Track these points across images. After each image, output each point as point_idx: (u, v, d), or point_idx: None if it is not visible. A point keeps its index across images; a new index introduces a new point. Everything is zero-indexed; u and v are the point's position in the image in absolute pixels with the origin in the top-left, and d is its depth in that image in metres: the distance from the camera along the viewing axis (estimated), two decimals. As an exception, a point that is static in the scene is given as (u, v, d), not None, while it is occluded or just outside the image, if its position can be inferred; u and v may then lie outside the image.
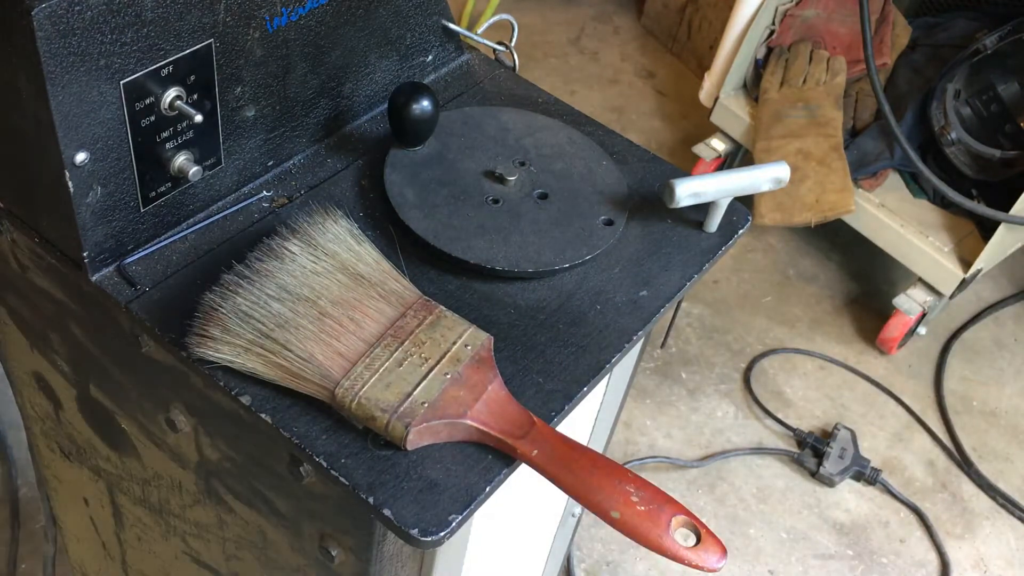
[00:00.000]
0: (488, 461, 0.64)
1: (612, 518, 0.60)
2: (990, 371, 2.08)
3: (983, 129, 1.94)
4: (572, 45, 2.73)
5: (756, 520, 1.76)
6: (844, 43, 2.07)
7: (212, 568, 0.93)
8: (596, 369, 0.71)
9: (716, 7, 2.49)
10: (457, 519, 0.61)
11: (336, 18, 0.79)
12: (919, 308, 1.95)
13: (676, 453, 1.83)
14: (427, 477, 0.62)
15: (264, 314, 0.65)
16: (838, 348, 2.06)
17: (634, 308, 0.75)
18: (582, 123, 0.91)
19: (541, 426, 0.64)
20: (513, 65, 0.96)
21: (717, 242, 0.82)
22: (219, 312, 0.66)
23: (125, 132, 0.68)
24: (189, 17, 0.67)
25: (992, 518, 1.82)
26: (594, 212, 0.80)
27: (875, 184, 1.98)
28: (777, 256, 2.23)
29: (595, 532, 1.68)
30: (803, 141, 1.93)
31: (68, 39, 0.61)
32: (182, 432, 0.78)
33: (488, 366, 0.66)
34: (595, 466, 0.62)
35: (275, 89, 0.77)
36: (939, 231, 1.94)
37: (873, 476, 1.81)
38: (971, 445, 1.92)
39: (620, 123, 2.48)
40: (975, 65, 1.92)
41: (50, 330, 0.85)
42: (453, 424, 0.63)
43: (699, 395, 1.93)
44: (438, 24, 0.90)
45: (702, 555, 0.60)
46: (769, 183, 0.79)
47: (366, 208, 0.79)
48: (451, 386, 0.64)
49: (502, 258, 0.75)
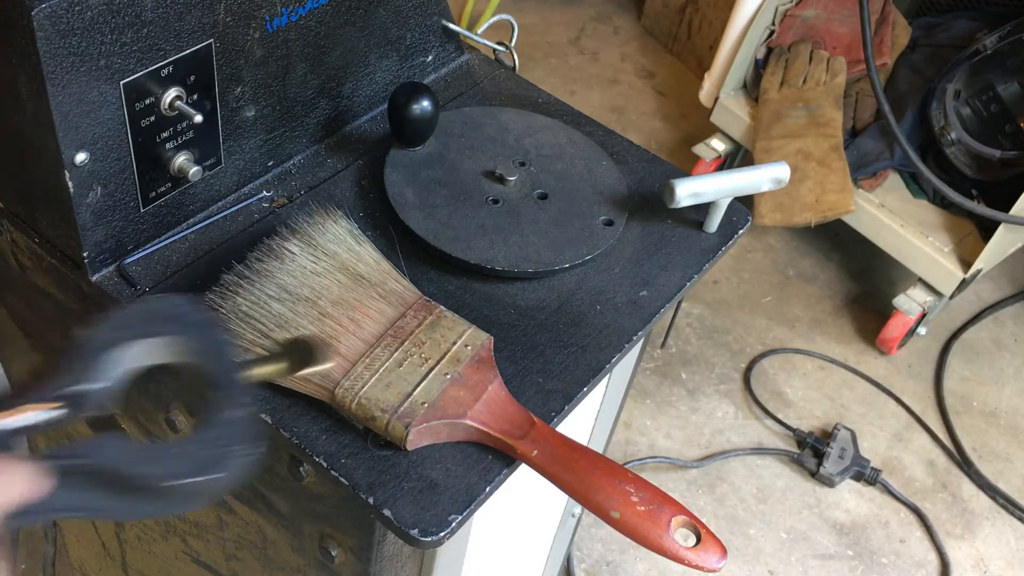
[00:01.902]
0: (488, 461, 0.64)
1: (612, 518, 0.60)
2: (990, 371, 2.07)
3: (983, 129, 1.94)
4: (572, 45, 2.73)
5: (756, 520, 1.76)
6: (844, 43, 2.07)
7: (212, 568, 0.93)
8: (596, 369, 0.71)
9: (716, 7, 2.49)
10: (457, 519, 0.61)
11: (336, 18, 0.79)
12: (919, 308, 1.95)
13: (676, 453, 1.83)
14: (427, 477, 0.62)
15: (264, 314, 0.65)
16: (838, 348, 2.06)
17: (634, 308, 0.75)
18: (582, 123, 0.91)
19: (541, 426, 0.64)
20: (513, 65, 0.96)
21: (717, 242, 0.82)
22: (219, 312, 0.66)
23: (125, 132, 0.68)
24: (189, 17, 0.67)
25: (992, 518, 1.82)
26: (594, 212, 0.80)
27: (875, 184, 1.98)
28: (777, 256, 2.23)
29: (595, 532, 1.68)
30: (803, 141, 1.93)
31: (68, 39, 0.61)
32: (182, 432, 0.78)
33: (488, 366, 0.66)
34: (595, 466, 0.62)
35: (275, 89, 0.77)
36: (939, 231, 1.94)
37: (873, 476, 1.81)
38: (971, 445, 1.92)
39: (620, 123, 2.48)
40: (975, 65, 1.92)
41: (50, 330, 0.85)
42: (453, 424, 0.63)
43: (699, 395, 1.93)
44: (438, 24, 0.90)
45: (702, 555, 0.60)
46: (769, 183, 0.79)
47: (366, 208, 0.79)
48: (451, 386, 0.64)
49: (502, 258, 0.75)
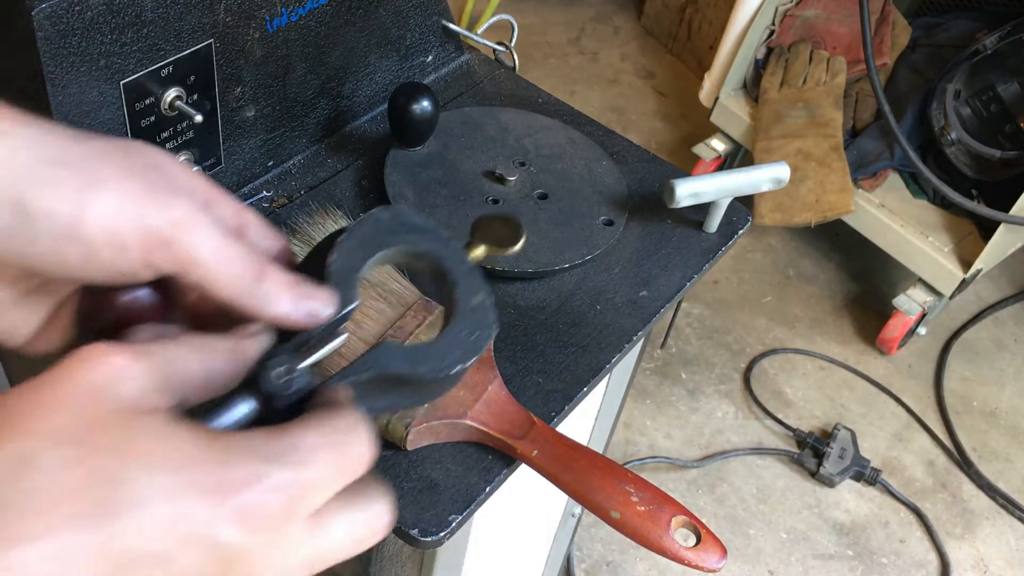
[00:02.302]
0: (488, 461, 0.64)
1: (612, 518, 0.60)
2: (990, 371, 2.07)
3: (983, 129, 1.94)
4: (572, 45, 2.73)
5: (756, 520, 1.76)
6: (844, 43, 2.07)
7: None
8: (596, 369, 0.71)
9: (716, 7, 2.49)
10: (457, 519, 0.61)
11: (336, 18, 0.79)
12: (919, 308, 1.95)
13: (676, 453, 1.83)
14: (427, 477, 0.62)
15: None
16: (838, 348, 2.06)
17: (634, 308, 0.75)
18: (582, 123, 0.91)
19: (541, 426, 0.64)
20: (513, 65, 0.96)
21: (717, 242, 0.82)
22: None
23: (125, 132, 0.68)
24: (189, 17, 0.67)
25: (992, 518, 1.82)
26: (594, 212, 0.80)
27: (875, 184, 1.98)
28: (777, 256, 2.23)
29: (595, 532, 1.68)
30: (803, 141, 1.93)
31: (68, 39, 0.61)
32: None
33: (488, 366, 0.66)
34: (595, 466, 0.62)
35: (275, 89, 0.77)
36: (939, 231, 1.94)
37: (873, 476, 1.81)
38: (971, 445, 1.92)
39: (620, 123, 2.48)
40: (975, 65, 1.92)
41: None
42: (453, 424, 0.63)
43: (699, 395, 1.93)
44: (438, 24, 0.90)
45: (702, 555, 0.60)
46: (769, 183, 0.79)
47: (366, 208, 0.79)
48: (451, 386, 0.64)
49: (502, 258, 0.75)
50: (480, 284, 0.51)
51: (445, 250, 0.51)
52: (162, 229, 0.41)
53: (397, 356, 0.47)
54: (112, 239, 0.41)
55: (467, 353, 0.49)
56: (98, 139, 0.43)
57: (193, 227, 0.42)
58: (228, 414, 0.41)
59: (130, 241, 0.41)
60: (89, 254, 0.41)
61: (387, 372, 0.47)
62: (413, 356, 0.47)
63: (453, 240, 0.52)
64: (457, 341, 0.49)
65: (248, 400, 0.41)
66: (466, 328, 0.49)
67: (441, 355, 0.48)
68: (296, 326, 0.44)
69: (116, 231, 0.40)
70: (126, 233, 0.41)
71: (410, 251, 0.51)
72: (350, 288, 0.47)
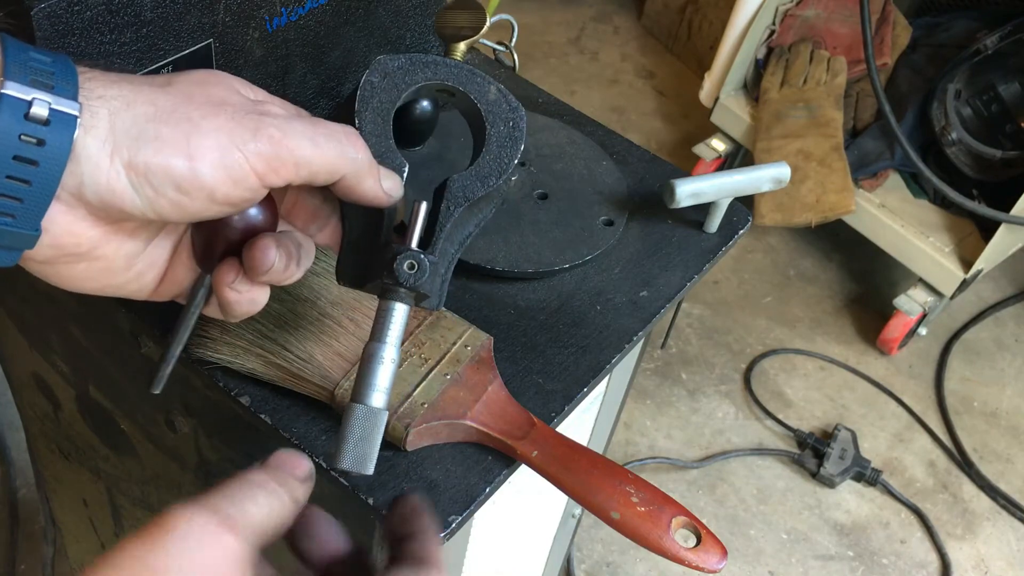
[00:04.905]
0: (488, 462, 0.64)
1: (612, 519, 0.60)
2: (991, 372, 2.07)
3: (984, 129, 1.94)
4: (572, 45, 2.73)
5: (756, 521, 1.76)
6: (844, 43, 2.07)
7: (212, 569, 0.92)
8: (596, 370, 0.71)
9: (716, 7, 2.49)
10: (457, 520, 0.61)
11: (336, 18, 0.78)
12: (919, 308, 1.94)
13: (676, 454, 1.83)
14: (427, 478, 0.62)
15: (263, 314, 0.65)
16: (838, 348, 2.06)
17: (634, 308, 0.75)
18: (582, 123, 0.91)
19: (541, 427, 0.64)
20: (513, 65, 0.96)
21: (717, 242, 0.82)
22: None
23: (124, 132, 0.67)
24: (189, 17, 0.67)
25: (993, 519, 1.82)
26: (594, 212, 0.80)
27: (875, 184, 1.98)
28: (777, 256, 2.23)
29: (595, 533, 1.68)
30: (803, 141, 1.93)
31: (67, 39, 0.61)
32: (181, 433, 0.78)
33: (488, 367, 0.66)
34: (595, 467, 0.62)
35: (275, 89, 0.77)
36: (939, 231, 1.94)
37: (874, 477, 1.81)
38: (972, 446, 1.92)
39: (620, 123, 2.48)
40: (976, 65, 1.92)
41: (50, 330, 0.85)
42: (453, 425, 0.63)
43: (699, 396, 1.93)
44: (438, 24, 0.90)
45: (702, 556, 0.60)
46: (769, 183, 0.79)
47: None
48: (451, 387, 0.64)
49: (502, 258, 0.75)
50: (486, 81, 0.55)
51: (440, 71, 0.56)
52: (264, 151, 0.46)
53: (469, 185, 0.54)
54: (227, 177, 0.45)
55: (514, 147, 0.54)
56: (176, 80, 0.47)
57: (286, 135, 0.47)
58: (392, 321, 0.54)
59: (242, 173, 0.45)
60: (211, 196, 0.45)
61: (472, 200, 0.54)
62: (479, 176, 0.54)
63: (475, 70, 0.57)
64: (500, 142, 0.54)
65: (405, 302, 0.53)
66: (500, 124, 0.55)
67: (496, 161, 0.54)
68: (384, 203, 0.53)
69: (229, 169, 0.45)
70: (237, 168, 0.45)
71: (413, 92, 0.56)
72: (396, 160, 0.55)
